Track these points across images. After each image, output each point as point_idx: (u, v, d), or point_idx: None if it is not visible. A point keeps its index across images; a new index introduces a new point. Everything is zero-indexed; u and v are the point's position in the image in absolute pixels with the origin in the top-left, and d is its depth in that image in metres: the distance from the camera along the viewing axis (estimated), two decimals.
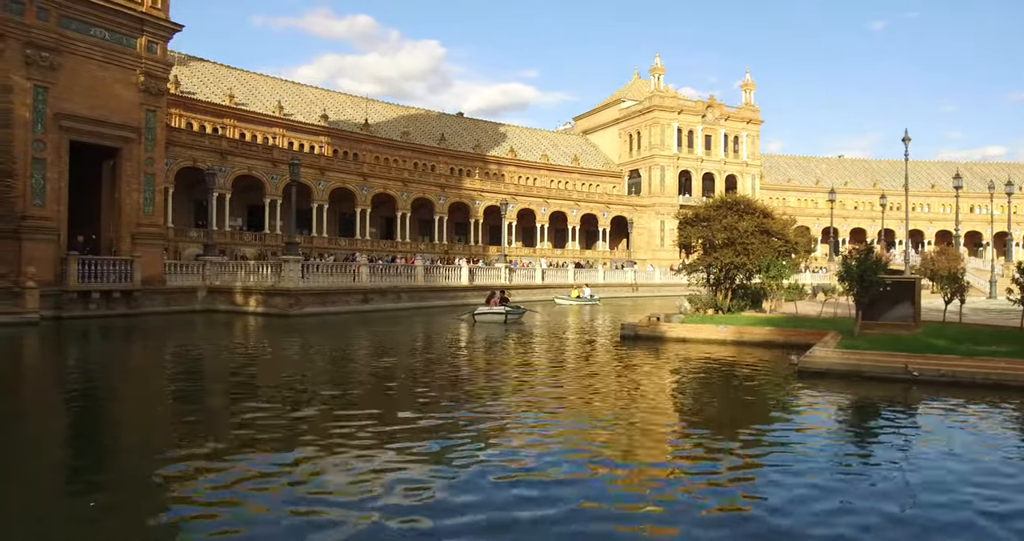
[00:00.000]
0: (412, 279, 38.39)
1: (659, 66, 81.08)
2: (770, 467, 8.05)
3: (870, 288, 17.75)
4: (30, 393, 13.63)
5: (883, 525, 6.18)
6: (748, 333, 20.52)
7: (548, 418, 10.76)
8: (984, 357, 13.94)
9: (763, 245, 25.66)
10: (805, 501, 6.74)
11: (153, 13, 31.10)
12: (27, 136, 27.12)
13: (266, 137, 60.10)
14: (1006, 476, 7.67)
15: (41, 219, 27.42)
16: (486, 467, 7.74)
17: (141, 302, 29.49)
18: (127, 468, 8.17)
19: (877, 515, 6.40)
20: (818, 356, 14.71)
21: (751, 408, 11.95)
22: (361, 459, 8.06)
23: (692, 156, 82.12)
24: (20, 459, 8.35)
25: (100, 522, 6.30)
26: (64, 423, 10.72)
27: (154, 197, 32.20)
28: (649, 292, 57.19)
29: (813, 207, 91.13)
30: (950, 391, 12.51)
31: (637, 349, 19.63)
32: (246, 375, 15.79)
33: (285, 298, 30.79)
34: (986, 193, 61.80)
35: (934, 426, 10.37)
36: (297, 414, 10.79)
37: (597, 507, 6.55)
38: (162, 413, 11.45)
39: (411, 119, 76.89)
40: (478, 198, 66.68)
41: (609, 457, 8.50)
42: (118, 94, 30.22)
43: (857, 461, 8.49)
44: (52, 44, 27.58)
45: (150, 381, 15.34)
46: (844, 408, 12.02)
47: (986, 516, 6.39)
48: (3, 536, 6.00)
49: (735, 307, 25.92)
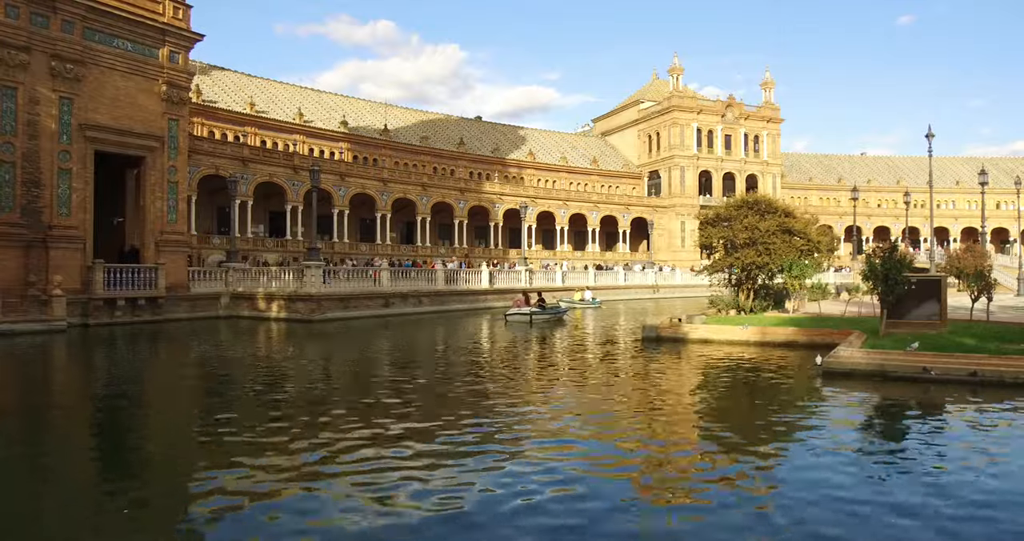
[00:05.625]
0: (433, 283, 38.50)
1: (678, 66, 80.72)
2: (795, 469, 7.98)
3: (895, 287, 17.50)
4: (60, 400, 13.82)
5: (908, 529, 6.11)
6: (771, 333, 20.34)
7: (571, 421, 10.74)
8: (1013, 356, 13.71)
9: (785, 244, 25.42)
10: (829, 504, 6.68)
11: (175, 23, 31.53)
12: (53, 147, 27.59)
13: (287, 144, 60.59)
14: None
15: (67, 228, 27.86)
16: (511, 473, 7.75)
17: (166, 309, 29.84)
18: (159, 476, 8.27)
19: (901, 518, 6.33)
20: (843, 356, 14.56)
21: (776, 410, 11.83)
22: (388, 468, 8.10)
23: (712, 156, 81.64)
24: (53, 467, 8.48)
25: (132, 526, 6.39)
26: (95, 429, 10.87)
27: (178, 205, 32.61)
28: (670, 293, 56.91)
29: (835, 205, 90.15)
30: (980, 391, 12.32)
31: (660, 351, 19.52)
32: (285, 383, 15.91)
33: (307, 303, 31.00)
34: (1013, 189, 60.79)
35: (960, 427, 10.22)
36: (325, 420, 10.86)
37: (625, 512, 6.54)
38: (194, 420, 11.58)
39: (430, 124, 77.18)
40: (497, 201, 66.74)
41: (636, 464, 8.48)
42: (141, 104, 30.64)
43: (882, 466, 8.38)
44: (77, 56, 28.03)
45: (182, 387, 15.51)
46: (869, 409, 11.87)
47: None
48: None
49: (757, 307, 25.72)
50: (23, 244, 26.55)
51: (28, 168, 26.94)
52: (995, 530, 6.06)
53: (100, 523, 6.49)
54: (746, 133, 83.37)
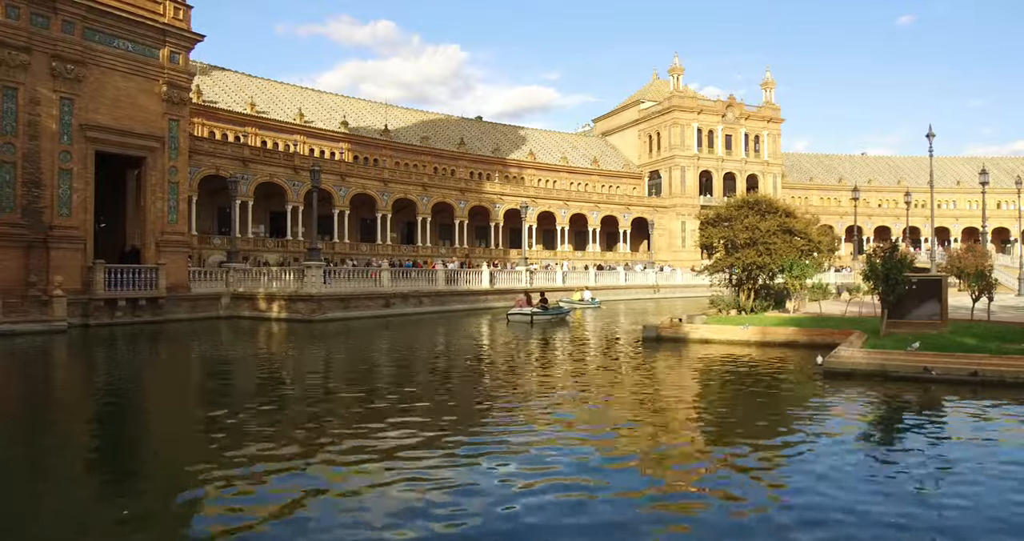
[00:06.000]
0: (433, 283, 38.50)
1: (678, 66, 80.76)
2: (795, 470, 7.98)
3: (896, 287, 17.49)
4: (60, 400, 13.82)
5: (908, 528, 6.11)
6: (772, 333, 20.34)
7: (574, 420, 10.74)
8: (1014, 356, 13.70)
9: (785, 244, 25.43)
10: (828, 507, 6.68)
11: (175, 24, 31.53)
12: (54, 147, 27.59)
13: (287, 144, 60.63)
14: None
15: (68, 228, 27.86)
16: (511, 472, 7.75)
17: (166, 309, 29.84)
18: (159, 477, 8.27)
19: (900, 518, 6.33)
20: (844, 356, 14.55)
21: (776, 410, 11.82)
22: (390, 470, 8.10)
23: (712, 156, 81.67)
24: (53, 466, 8.48)
25: (132, 527, 6.39)
26: (95, 430, 10.87)
27: (178, 205, 32.60)
28: (671, 293, 56.90)
29: (836, 205, 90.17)
30: (980, 391, 12.32)
31: (660, 351, 19.52)
32: (286, 384, 15.92)
33: (308, 303, 31.00)
34: (1013, 188, 60.78)
35: (959, 427, 10.21)
36: (320, 422, 10.86)
37: (626, 511, 6.54)
38: (194, 422, 11.59)
39: (430, 124, 77.21)
40: (498, 201, 66.76)
41: (635, 466, 8.48)
42: (142, 104, 30.64)
43: (882, 464, 8.38)
44: (77, 56, 28.03)
45: (182, 388, 15.52)
46: (870, 409, 11.86)
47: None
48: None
49: (758, 307, 25.72)
50: (24, 244, 26.55)
51: (29, 168, 26.94)
52: (995, 528, 6.05)
53: (99, 524, 6.48)
54: (746, 133, 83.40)
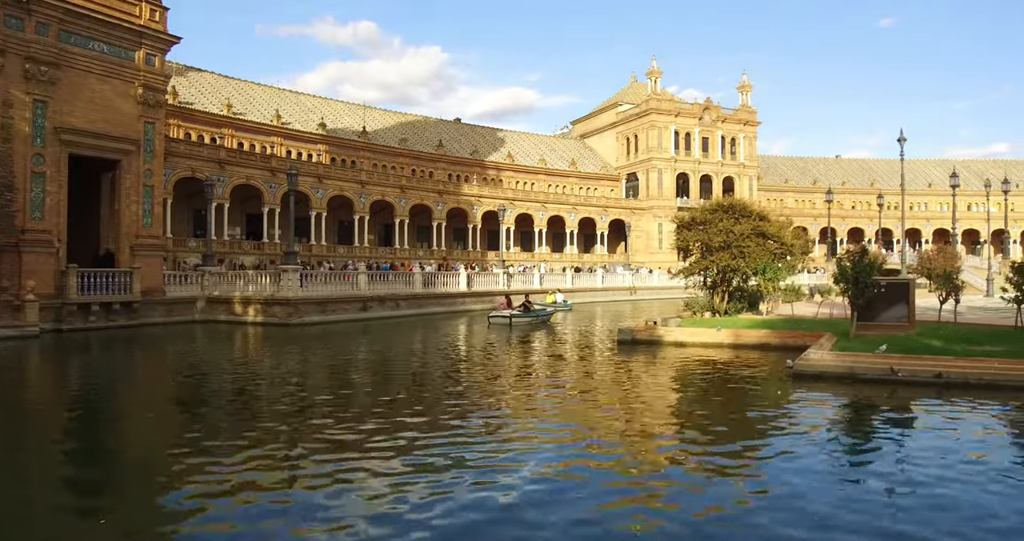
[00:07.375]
0: (411, 286, 38.52)
1: (656, 69, 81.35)
2: (762, 470, 8.19)
3: (865, 290, 17.87)
4: (32, 408, 13.73)
5: (875, 529, 6.32)
6: (745, 336, 20.65)
7: (548, 423, 10.89)
8: (978, 357, 14.08)
9: (759, 248, 25.82)
10: (797, 507, 6.88)
11: (151, 26, 31.28)
12: (27, 150, 27.26)
13: (264, 146, 60.26)
14: (1002, 477, 7.80)
15: (41, 232, 27.54)
16: (473, 477, 7.89)
17: (141, 313, 29.59)
18: (134, 486, 8.30)
19: (865, 515, 6.55)
20: (813, 359, 14.85)
21: (746, 413, 12.04)
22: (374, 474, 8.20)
23: (690, 158, 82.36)
24: (28, 476, 8.48)
25: (108, 535, 6.44)
26: (68, 438, 10.84)
27: (153, 209, 32.33)
28: (647, 295, 57.28)
29: (811, 207, 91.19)
30: (944, 392, 12.65)
31: (635, 354, 19.73)
32: (260, 389, 15.91)
33: (284, 307, 30.89)
34: (983, 191, 61.96)
35: (922, 428, 10.51)
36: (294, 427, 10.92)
37: (594, 510, 6.70)
38: (167, 427, 11.59)
39: (409, 126, 77.11)
40: (476, 204, 66.85)
41: (607, 467, 8.64)
42: (117, 107, 30.37)
43: (849, 468, 8.62)
44: (52, 58, 27.73)
45: (155, 394, 15.47)
46: (836, 412, 12.15)
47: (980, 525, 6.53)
48: None
49: (732, 309, 26.07)
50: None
51: (1, 172, 26.61)
52: (958, 525, 6.28)
53: (76, 534, 6.53)
54: (723, 136, 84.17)
